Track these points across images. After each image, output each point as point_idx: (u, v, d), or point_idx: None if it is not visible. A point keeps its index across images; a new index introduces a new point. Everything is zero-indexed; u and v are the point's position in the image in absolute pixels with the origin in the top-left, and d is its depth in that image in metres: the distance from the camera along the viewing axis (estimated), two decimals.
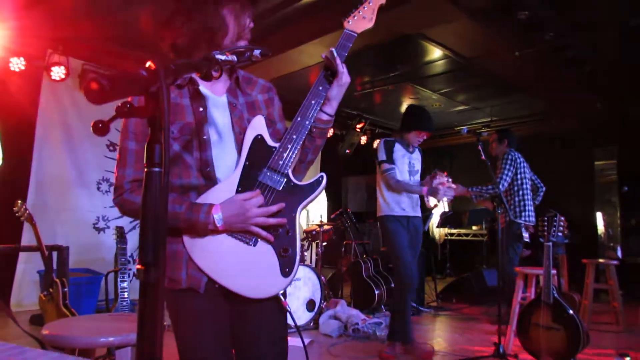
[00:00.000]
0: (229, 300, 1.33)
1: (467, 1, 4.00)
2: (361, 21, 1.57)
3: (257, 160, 1.33)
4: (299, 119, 1.38)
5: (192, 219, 1.25)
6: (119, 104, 0.69)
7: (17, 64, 4.70)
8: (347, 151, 7.80)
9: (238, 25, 1.36)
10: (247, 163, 1.33)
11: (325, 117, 1.49)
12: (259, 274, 1.29)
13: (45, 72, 4.91)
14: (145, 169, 0.68)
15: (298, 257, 1.30)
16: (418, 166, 3.72)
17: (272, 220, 1.28)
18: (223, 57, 1.07)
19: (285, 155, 1.32)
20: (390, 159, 3.53)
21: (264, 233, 1.28)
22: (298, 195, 1.33)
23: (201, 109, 1.31)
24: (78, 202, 5.26)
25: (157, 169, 0.66)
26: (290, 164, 1.33)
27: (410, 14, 4.19)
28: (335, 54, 1.45)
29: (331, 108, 1.51)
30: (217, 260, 1.28)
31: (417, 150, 3.76)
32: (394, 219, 3.52)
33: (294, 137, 1.35)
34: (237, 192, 1.30)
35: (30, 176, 4.86)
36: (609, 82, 6.04)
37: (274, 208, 1.29)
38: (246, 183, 1.32)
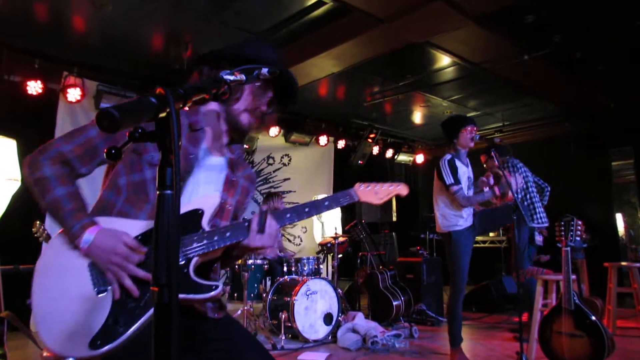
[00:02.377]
0: None
1: (473, 7, 4.00)
2: (371, 195, 1.55)
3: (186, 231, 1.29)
4: (227, 234, 1.32)
5: (68, 222, 1.20)
6: (131, 129, 0.71)
7: (34, 87, 4.83)
8: (360, 162, 7.79)
9: (251, 100, 1.41)
10: None
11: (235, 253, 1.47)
12: (71, 323, 1.14)
13: (61, 94, 5.03)
14: (157, 192, 0.69)
15: (121, 341, 1.13)
16: (472, 178, 3.80)
17: (127, 282, 1.17)
18: (232, 77, 1.08)
19: (196, 245, 1.27)
20: (457, 180, 3.57)
21: (115, 284, 1.18)
22: (183, 285, 1.23)
23: (192, 156, 1.35)
24: None
25: (169, 192, 0.68)
26: (196, 255, 1.27)
27: (417, 22, 4.21)
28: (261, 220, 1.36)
29: (237, 255, 1.47)
30: (51, 277, 1.19)
31: (469, 163, 3.80)
32: (466, 233, 3.59)
33: (215, 238, 1.29)
34: (135, 237, 1.23)
35: None
36: (620, 81, 5.96)
37: (141, 273, 1.19)
38: (149, 238, 1.26)
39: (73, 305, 1.16)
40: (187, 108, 1.41)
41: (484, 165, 4.62)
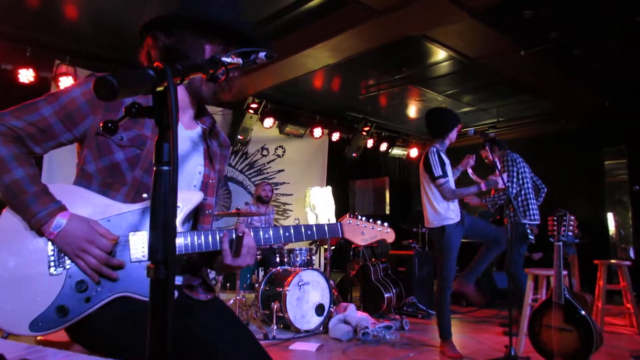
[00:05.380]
0: None
1: (471, 1, 3.99)
2: (357, 234, 1.46)
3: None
4: (199, 241, 1.27)
5: (32, 207, 1.13)
6: (128, 104, 0.69)
7: (26, 75, 4.77)
8: (354, 155, 7.80)
9: None
10: (141, 210, 1.24)
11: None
12: (16, 300, 1.12)
13: (53, 82, 4.97)
14: (154, 168, 0.68)
15: (63, 326, 1.13)
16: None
17: (105, 270, 1.16)
18: (229, 60, 1.07)
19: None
20: (445, 172, 3.64)
21: (89, 271, 1.15)
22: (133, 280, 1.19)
23: None
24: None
25: (166, 168, 0.67)
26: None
27: (414, 15, 4.19)
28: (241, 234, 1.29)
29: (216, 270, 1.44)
30: (3, 251, 1.15)
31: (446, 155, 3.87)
32: (456, 226, 3.64)
33: (185, 242, 1.24)
34: (104, 222, 1.20)
35: None
36: (616, 80, 6.00)
37: (115, 261, 1.17)
38: (118, 222, 1.21)
39: (21, 284, 1.14)
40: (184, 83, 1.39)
41: (485, 160, 4.63)
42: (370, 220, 1.49)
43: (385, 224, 1.51)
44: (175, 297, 1.22)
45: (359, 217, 1.48)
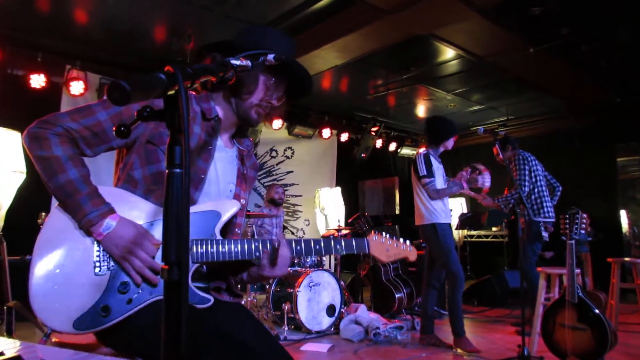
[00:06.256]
0: None
1: None
2: (382, 251, 1.50)
3: (196, 227, 1.27)
4: (236, 249, 1.31)
5: (84, 207, 1.16)
6: (139, 108, 0.70)
7: (38, 80, 4.84)
8: (363, 155, 7.78)
9: (264, 94, 1.38)
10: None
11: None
12: (62, 298, 1.14)
13: (64, 87, 5.04)
14: (167, 170, 0.69)
15: (107, 326, 1.15)
16: (444, 175, 4.01)
17: (147, 273, 1.18)
18: (238, 62, 1.08)
19: (203, 250, 1.25)
20: (430, 173, 3.78)
21: (133, 273, 1.18)
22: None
23: (210, 147, 1.35)
24: None
25: (178, 170, 0.68)
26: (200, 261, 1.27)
27: (422, 14, 4.18)
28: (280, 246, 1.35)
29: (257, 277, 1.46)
30: (52, 249, 1.17)
31: (440, 161, 4.00)
32: (443, 225, 3.80)
33: (223, 250, 1.27)
34: (147, 225, 1.24)
35: None
36: (627, 76, 5.92)
37: (157, 266, 1.20)
38: (160, 228, 1.24)
39: (68, 281, 1.16)
40: (194, 92, 1.42)
41: (497, 158, 4.61)
42: (394, 237, 1.53)
43: (408, 242, 1.55)
44: (210, 303, 1.25)
45: (384, 234, 1.51)
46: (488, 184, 3.74)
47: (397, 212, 7.84)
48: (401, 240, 1.54)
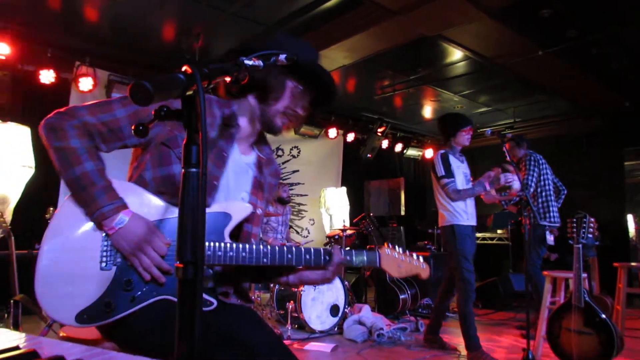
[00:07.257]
0: None
1: (488, 0, 3.95)
2: (394, 266, 1.47)
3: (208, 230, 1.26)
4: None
5: (99, 200, 1.16)
6: (157, 107, 0.71)
7: (47, 76, 4.87)
8: (369, 155, 7.78)
9: (290, 102, 1.38)
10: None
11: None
12: (66, 290, 1.14)
13: (73, 83, 5.07)
14: (183, 170, 0.69)
15: (108, 322, 1.15)
16: (469, 174, 3.80)
17: (155, 272, 1.18)
18: (251, 62, 1.08)
19: (220, 253, 1.23)
20: (449, 173, 3.60)
21: (141, 269, 1.18)
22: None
23: (225, 154, 1.34)
24: None
25: (194, 170, 0.68)
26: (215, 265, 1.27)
27: (430, 15, 4.17)
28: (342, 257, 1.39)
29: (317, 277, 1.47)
30: (60, 241, 1.18)
31: (465, 160, 3.81)
32: (463, 228, 3.61)
33: (244, 254, 1.26)
34: (157, 222, 1.24)
35: (61, 184, 5.00)
36: (637, 79, 5.88)
37: (165, 266, 1.19)
38: (169, 226, 1.25)
39: (73, 273, 1.16)
40: (217, 96, 1.42)
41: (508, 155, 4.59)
42: (407, 252, 1.50)
43: (421, 259, 1.52)
44: (214, 306, 1.25)
45: (397, 248, 1.48)
46: (518, 186, 3.52)
47: (403, 213, 7.82)
48: (414, 256, 1.51)
